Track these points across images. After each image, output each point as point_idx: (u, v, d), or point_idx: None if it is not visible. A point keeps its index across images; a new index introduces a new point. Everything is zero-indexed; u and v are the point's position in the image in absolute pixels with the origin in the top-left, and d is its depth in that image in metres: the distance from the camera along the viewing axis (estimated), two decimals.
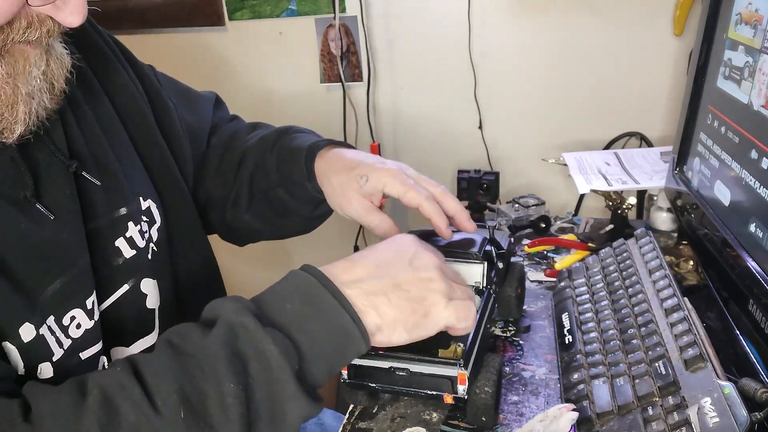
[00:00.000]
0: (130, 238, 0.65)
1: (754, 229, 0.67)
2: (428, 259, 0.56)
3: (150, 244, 0.68)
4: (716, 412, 0.52)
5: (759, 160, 0.66)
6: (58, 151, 0.59)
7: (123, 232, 0.64)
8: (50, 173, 0.58)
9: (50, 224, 0.56)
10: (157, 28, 1.78)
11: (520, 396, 0.70)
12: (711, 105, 0.82)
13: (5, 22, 0.47)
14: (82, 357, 0.57)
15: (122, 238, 0.64)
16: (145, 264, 0.66)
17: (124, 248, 0.64)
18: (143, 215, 0.67)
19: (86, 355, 0.58)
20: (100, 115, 0.67)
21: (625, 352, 0.66)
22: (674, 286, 0.72)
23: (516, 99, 1.56)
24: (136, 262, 0.65)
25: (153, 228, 0.69)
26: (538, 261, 1.01)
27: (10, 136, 0.52)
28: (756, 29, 0.69)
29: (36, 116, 0.54)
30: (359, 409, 0.69)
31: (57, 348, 0.55)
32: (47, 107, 0.55)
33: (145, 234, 0.67)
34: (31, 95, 0.52)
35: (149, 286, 0.66)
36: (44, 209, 0.56)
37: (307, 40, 1.67)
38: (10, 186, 0.54)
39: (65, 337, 0.56)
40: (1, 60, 0.50)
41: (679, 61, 1.39)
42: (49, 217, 0.56)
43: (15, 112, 0.52)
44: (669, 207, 1.04)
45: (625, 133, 1.46)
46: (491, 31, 1.51)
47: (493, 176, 1.16)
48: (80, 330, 0.57)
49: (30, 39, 0.50)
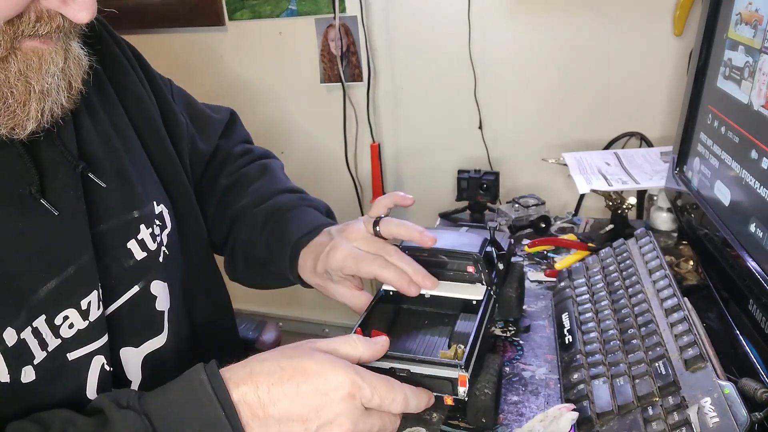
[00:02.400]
0: (142, 240, 0.65)
1: (754, 229, 0.67)
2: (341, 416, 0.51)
3: (162, 247, 0.68)
4: (716, 412, 0.52)
5: (759, 160, 0.66)
6: (66, 151, 0.59)
7: (135, 234, 0.65)
8: (57, 172, 0.58)
9: (52, 222, 0.56)
10: (157, 28, 1.78)
11: (520, 396, 0.70)
12: (711, 105, 0.82)
13: (15, 15, 0.48)
14: (69, 358, 0.57)
15: (134, 240, 0.65)
16: (156, 266, 0.67)
17: (136, 250, 0.65)
18: (156, 219, 0.68)
19: (74, 356, 0.57)
20: (114, 119, 0.67)
21: (625, 352, 0.66)
22: (674, 286, 0.72)
23: (516, 99, 1.56)
24: (147, 264, 0.65)
25: (164, 233, 0.69)
26: (538, 261, 1.01)
27: (21, 133, 0.53)
28: (756, 29, 0.69)
29: (50, 114, 0.54)
30: None
31: (39, 351, 0.55)
32: (63, 106, 0.55)
33: (156, 237, 0.67)
34: (46, 93, 0.53)
35: (159, 288, 0.67)
36: (48, 204, 0.56)
37: (307, 40, 1.67)
38: (14, 182, 0.54)
39: (54, 338, 0.56)
40: (14, 57, 0.50)
41: (679, 61, 1.39)
42: (53, 212, 0.56)
43: (27, 109, 0.52)
44: (669, 207, 1.04)
45: (625, 133, 1.46)
46: (491, 31, 1.51)
47: (493, 176, 1.16)
48: (72, 330, 0.57)
49: (40, 33, 0.50)
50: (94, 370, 0.58)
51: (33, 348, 0.54)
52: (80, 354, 0.57)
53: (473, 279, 0.70)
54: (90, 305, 0.58)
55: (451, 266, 0.70)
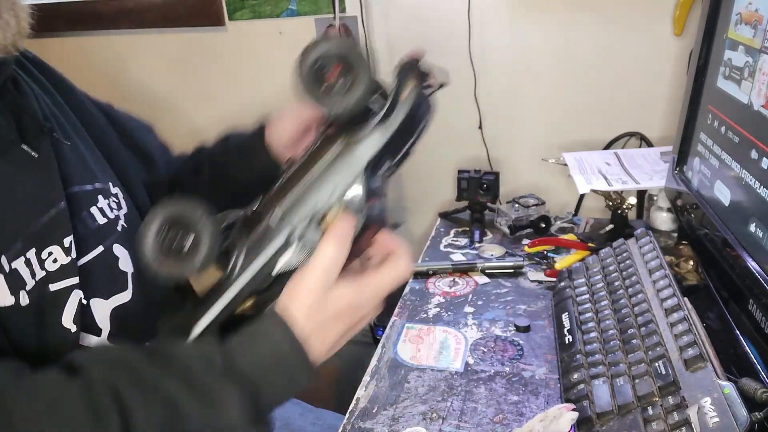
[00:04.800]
0: (101, 208, 0.71)
1: (754, 229, 0.67)
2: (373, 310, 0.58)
3: (119, 220, 0.73)
4: (716, 412, 0.52)
5: (759, 160, 0.66)
6: (34, 112, 0.65)
7: (95, 202, 0.70)
8: (29, 126, 0.64)
9: (34, 165, 0.62)
10: (157, 28, 1.78)
11: (520, 396, 0.70)
12: (711, 105, 0.82)
13: None
14: (51, 289, 0.61)
15: (95, 207, 0.70)
16: (114, 233, 0.72)
17: (98, 215, 0.70)
18: (112, 196, 0.74)
19: (55, 288, 0.62)
20: (62, 114, 0.73)
21: (625, 352, 0.66)
22: (674, 286, 0.72)
23: (516, 99, 1.56)
24: (107, 229, 0.70)
25: (121, 212, 0.74)
26: (538, 261, 1.01)
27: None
28: (756, 29, 0.69)
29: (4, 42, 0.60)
30: (359, 409, 0.69)
31: (30, 279, 0.60)
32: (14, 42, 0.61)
33: (113, 210, 0.73)
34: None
35: (120, 251, 0.72)
36: (28, 148, 0.62)
37: (307, 40, 1.66)
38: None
39: (40, 269, 0.61)
40: None
41: (679, 61, 1.38)
42: (33, 155, 0.62)
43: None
44: (669, 207, 1.04)
45: (625, 133, 1.46)
46: (491, 31, 1.51)
47: (493, 176, 1.16)
48: (56, 264, 0.62)
49: None
50: (72, 301, 0.63)
51: (24, 276, 0.59)
52: (60, 287, 0.62)
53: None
54: (72, 244, 0.63)
55: None
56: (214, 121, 0.54)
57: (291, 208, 0.55)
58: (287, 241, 0.55)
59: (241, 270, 0.55)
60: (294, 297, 0.53)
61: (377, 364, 0.78)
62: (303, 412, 0.98)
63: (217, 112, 1.73)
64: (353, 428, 0.67)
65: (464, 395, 0.71)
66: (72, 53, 1.80)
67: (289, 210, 0.55)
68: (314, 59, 0.54)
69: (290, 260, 0.55)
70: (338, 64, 0.54)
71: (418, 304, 0.92)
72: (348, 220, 0.54)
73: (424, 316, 0.89)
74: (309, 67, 0.54)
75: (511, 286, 0.95)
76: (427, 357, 0.79)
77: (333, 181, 0.54)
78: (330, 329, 0.55)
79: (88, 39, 1.83)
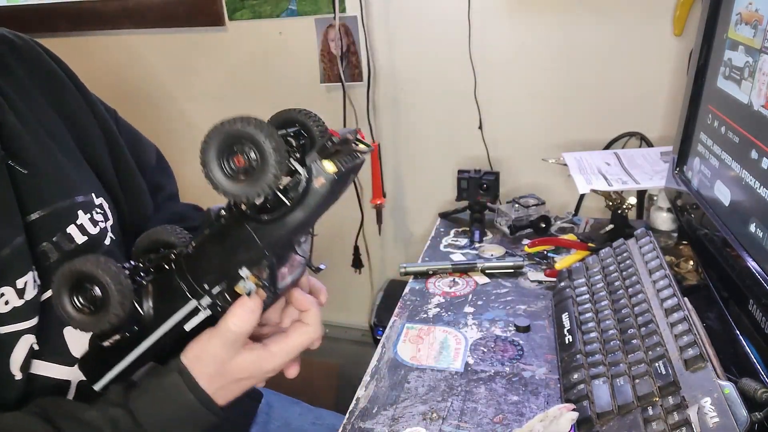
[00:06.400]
0: (81, 225, 0.68)
1: (754, 229, 0.67)
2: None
3: (107, 233, 0.72)
4: (716, 412, 0.52)
5: (759, 160, 0.66)
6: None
7: (74, 219, 0.68)
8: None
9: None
10: (157, 28, 1.78)
11: (520, 396, 0.70)
12: (711, 105, 0.82)
13: None
14: (1, 331, 0.60)
15: (73, 225, 0.68)
16: (100, 249, 0.70)
17: (76, 235, 0.68)
18: (96, 208, 0.71)
19: (4, 330, 0.60)
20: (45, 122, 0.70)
21: (625, 352, 0.66)
22: (674, 286, 0.72)
23: (516, 99, 1.56)
24: (89, 247, 0.69)
25: (108, 223, 0.73)
26: (538, 261, 1.01)
27: None
28: (756, 29, 0.69)
29: None
30: (359, 409, 0.69)
31: None
32: None
33: (98, 223, 0.71)
34: None
35: None
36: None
37: (307, 40, 1.67)
38: None
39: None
40: None
41: (679, 61, 1.38)
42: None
43: None
44: (669, 207, 1.04)
45: (625, 133, 1.46)
46: (491, 31, 1.51)
47: (493, 176, 1.16)
48: (8, 306, 0.60)
49: None
50: (21, 347, 0.61)
51: None
52: (10, 330, 0.61)
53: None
54: (26, 285, 0.61)
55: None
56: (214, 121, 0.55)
57: (202, 276, 0.56)
58: (196, 309, 0.56)
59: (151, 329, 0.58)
60: (198, 358, 0.56)
61: (377, 364, 0.78)
62: (303, 412, 0.98)
63: (217, 112, 1.73)
64: (353, 428, 0.67)
65: (464, 395, 0.71)
66: (72, 53, 1.80)
67: (201, 277, 0.56)
68: (218, 146, 0.51)
69: (201, 323, 0.57)
70: (245, 147, 0.50)
71: (418, 304, 0.92)
72: (255, 297, 0.55)
73: (424, 316, 0.89)
74: (216, 155, 0.51)
75: (511, 286, 0.95)
76: (427, 357, 0.79)
77: (243, 257, 0.54)
78: (232, 389, 0.58)
79: (88, 39, 1.83)
